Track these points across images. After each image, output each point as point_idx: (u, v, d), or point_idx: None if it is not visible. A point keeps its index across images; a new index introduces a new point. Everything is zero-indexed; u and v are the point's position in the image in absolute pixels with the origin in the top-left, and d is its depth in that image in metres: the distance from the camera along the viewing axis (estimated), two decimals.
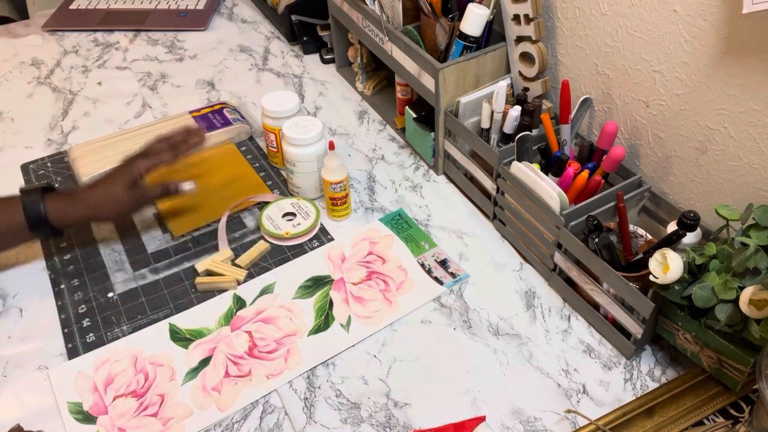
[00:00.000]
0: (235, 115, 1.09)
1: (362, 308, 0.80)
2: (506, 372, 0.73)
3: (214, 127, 1.05)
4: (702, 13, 0.69)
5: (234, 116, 1.08)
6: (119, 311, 0.80)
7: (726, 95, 0.70)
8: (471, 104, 0.90)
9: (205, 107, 1.10)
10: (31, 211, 0.77)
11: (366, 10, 1.01)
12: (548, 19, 0.91)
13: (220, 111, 1.09)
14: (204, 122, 1.05)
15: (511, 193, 0.84)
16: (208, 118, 1.07)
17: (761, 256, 0.61)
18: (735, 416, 0.68)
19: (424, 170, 1.02)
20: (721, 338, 0.65)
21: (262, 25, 1.40)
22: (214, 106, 1.10)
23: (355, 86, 1.19)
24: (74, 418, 0.69)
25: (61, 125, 1.11)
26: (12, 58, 1.29)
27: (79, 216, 0.81)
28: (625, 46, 0.80)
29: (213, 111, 1.09)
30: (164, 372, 0.74)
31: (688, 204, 0.80)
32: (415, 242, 0.89)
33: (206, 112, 1.08)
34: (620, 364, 0.74)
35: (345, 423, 0.69)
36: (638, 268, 0.71)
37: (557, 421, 0.69)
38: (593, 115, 0.90)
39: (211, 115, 1.07)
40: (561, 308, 0.80)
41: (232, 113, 1.09)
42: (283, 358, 0.75)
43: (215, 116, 1.07)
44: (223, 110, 1.09)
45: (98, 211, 0.81)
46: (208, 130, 1.03)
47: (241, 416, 0.70)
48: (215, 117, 1.07)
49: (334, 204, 0.91)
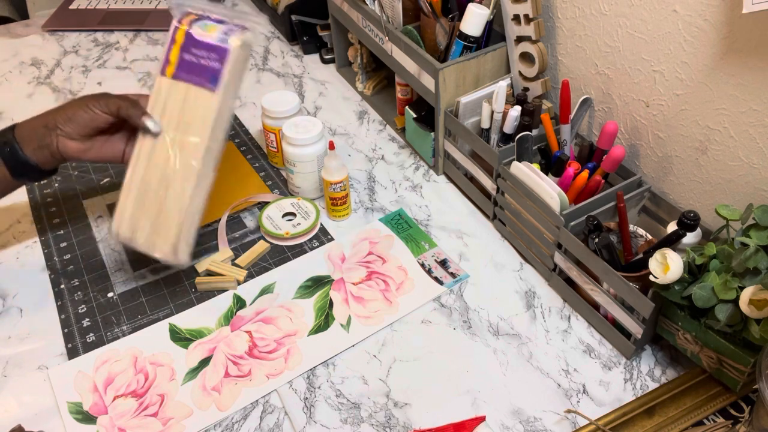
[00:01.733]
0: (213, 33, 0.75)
1: (362, 308, 0.80)
2: (506, 372, 0.73)
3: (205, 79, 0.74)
4: (702, 13, 0.69)
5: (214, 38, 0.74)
6: (119, 311, 0.80)
7: (726, 95, 0.70)
8: (471, 104, 0.90)
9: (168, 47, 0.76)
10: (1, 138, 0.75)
11: (366, 10, 1.01)
12: (548, 19, 0.91)
13: (189, 43, 0.74)
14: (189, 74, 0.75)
15: (511, 193, 0.84)
16: (188, 65, 0.75)
17: (761, 256, 0.61)
18: (735, 416, 0.68)
19: (424, 170, 1.02)
20: (721, 338, 0.65)
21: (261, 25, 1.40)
22: (174, 38, 0.75)
23: (355, 86, 1.19)
24: (74, 418, 0.69)
25: None
26: (12, 58, 1.29)
27: (42, 121, 0.75)
28: (625, 46, 0.80)
29: (182, 49, 0.75)
30: (164, 372, 0.74)
31: (688, 204, 0.80)
32: (415, 242, 0.89)
33: (174, 55, 0.75)
34: (620, 364, 0.74)
35: (345, 423, 0.69)
36: (638, 268, 0.71)
37: (557, 421, 0.69)
38: (593, 115, 0.90)
39: (187, 57, 0.75)
40: (561, 308, 0.80)
41: (207, 30, 0.74)
42: (283, 358, 0.75)
43: (192, 57, 0.74)
44: (193, 39, 0.74)
45: (58, 111, 0.75)
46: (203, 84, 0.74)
47: (241, 416, 0.70)
48: (193, 60, 0.74)
49: (334, 204, 0.91)
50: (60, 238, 0.90)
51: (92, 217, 0.93)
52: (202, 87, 0.74)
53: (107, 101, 0.75)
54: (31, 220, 0.93)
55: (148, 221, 0.75)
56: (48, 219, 0.93)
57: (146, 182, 0.75)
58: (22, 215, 0.94)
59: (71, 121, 0.74)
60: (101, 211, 0.94)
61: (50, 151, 0.75)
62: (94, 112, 0.75)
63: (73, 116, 0.74)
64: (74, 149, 0.76)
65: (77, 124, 0.75)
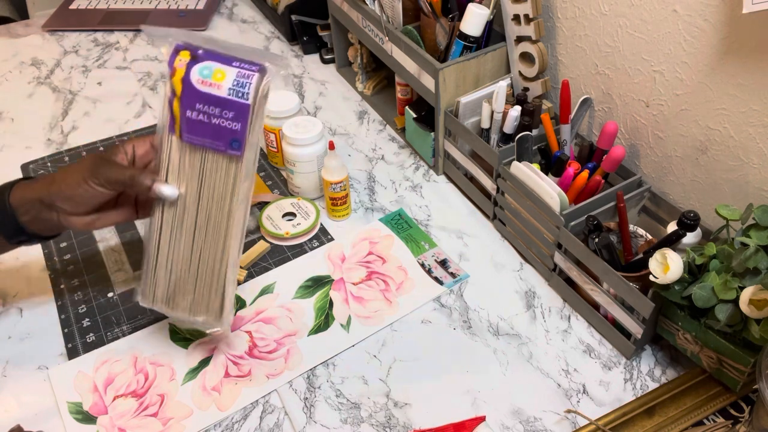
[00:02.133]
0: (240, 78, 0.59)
1: (362, 308, 0.80)
2: (506, 372, 0.73)
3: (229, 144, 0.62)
4: (702, 13, 0.69)
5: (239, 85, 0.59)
6: (119, 311, 0.80)
7: (726, 95, 0.70)
8: (471, 104, 0.90)
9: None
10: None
11: (366, 10, 1.01)
12: (548, 19, 0.91)
13: (192, 97, 0.59)
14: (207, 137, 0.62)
15: (511, 193, 0.84)
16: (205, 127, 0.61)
17: (761, 256, 0.61)
18: (735, 416, 0.68)
19: (424, 170, 1.02)
20: (721, 338, 0.65)
21: (262, 25, 1.40)
22: (172, 86, 0.60)
23: (355, 86, 1.19)
24: (74, 418, 0.69)
25: (61, 125, 1.11)
26: (12, 58, 1.29)
27: (36, 193, 0.66)
28: (625, 46, 0.80)
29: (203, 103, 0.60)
30: (164, 372, 0.74)
31: (688, 204, 0.80)
32: (415, 242, 0.89)
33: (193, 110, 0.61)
34: (620, 364, 0.74)
35: (345, 423, 0.69)
36: (638, 268, 0.71)
37: (557, 421, 0.69)
38: (593, 115, 0.90)
39: (194, 115, 0.60)
40: (561, 308, 0.80)
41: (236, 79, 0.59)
42: (283, 358, 0.75)
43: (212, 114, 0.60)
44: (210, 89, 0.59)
45: (54, 186, 0.65)
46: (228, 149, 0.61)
47: (241, 416, 0.70)
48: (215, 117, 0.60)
49: (334, 204, 0.91)
50: (60, 238, 0.90)
51: None
52: (224, 153, 0.61)
53: (107, 176, 0.64)
54: None
55: (187, 292, 0.68)
56: None
57: (178, 252, 0.66)
58: None
59: (70, 200, 0.65)
60: None
61: (51, 225, 0.68)
62: (95, 189, 0.64)
63: (72, 196, 0.65)
64: (80, 224, 0.67)
65: (78, 203, 0.66)
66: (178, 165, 0.63)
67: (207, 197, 0.64)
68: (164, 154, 0.64)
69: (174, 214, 0.65)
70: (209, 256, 0.66)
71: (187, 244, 0.66)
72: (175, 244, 0.66)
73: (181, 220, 0.65)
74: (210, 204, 0.64)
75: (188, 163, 0.63)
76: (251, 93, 0.58)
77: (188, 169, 0.63)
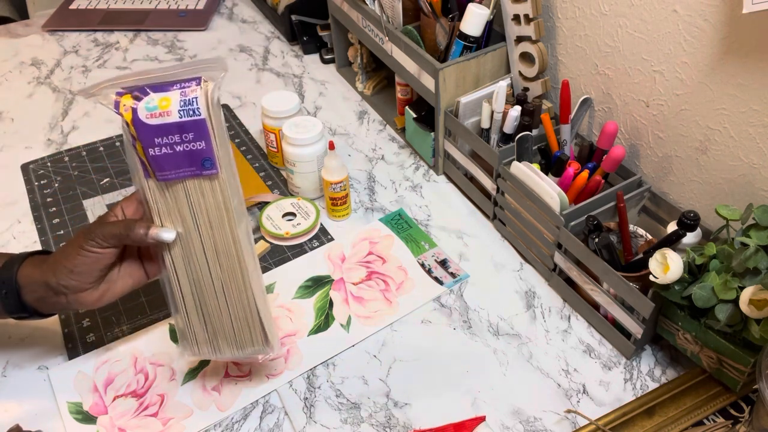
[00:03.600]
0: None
1: (362, 308, 0.80)
2: (506, 372, 0.73)
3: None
4: (702, 13, 0.69)
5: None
6: (119, 311, 0.80)
7: (726, 95, 0.70)
8: (471, 104, 0.90)
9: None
10: (1, 275, 0.65)
11: (366, 10, 1.01)
12: (548, 19, 0.91)
13: (147, 134, 0.57)
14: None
15: (511, 193, 0.84)
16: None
17: (761, 256, 0.61)
18: (735, 416, 0.68)
19: (424, 170, 1.02)
20: (721, 338, 0.65)
21: (262, 25, 1.40)
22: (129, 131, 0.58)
23: (355, 86, 1.19)
24: (74, 418, 0.69)
25: (61, 125, 1.11)
26: (12, 58, 1.29)
27: (42, 276, 0.64)
28: (625, 46, 0.80)
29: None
30: (164, 372, 0.74)
31: (688, 204, 0.80)
32: (415, 242, 0.89)
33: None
34: (620, 364, 0.74)
35: (345, 423, 0.69)
36: (638, 268, 0.71)
37: (557, 421, 0.69)
38: (593, 115, 0.90)
39: (156, 152, 0.58)
40: (561, 308, 0.80)
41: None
42: (283, 358, 0.75)
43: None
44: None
45: (57, 266, 0.63)
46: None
47: (241, 416, 0.70)
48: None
49: (334, 204, 0.91)
50: (60, 238, 0.90)
51: (92, 218, 0.93)
52: (199, 177, 0.59)
53: (102, 235, 0.62)
54: (31, 220, 0.93)
55: (227, 332, 0.65)
56: (48, 219, 0.93)
57: (202, 293, 0.64)
58: (22, 215, 0.94)
59: (73, 273, 0.62)
60: (101, 211, 0.94)
61: (59, 308, 0.66)
62: (94, 252, 0.62)
63: (74, 267, 0.62)
64: (91, 300, 0.64)
65: (81, 274, 0.63)
66: (165, 206, 0.61)
67: (205, 228, 0.62)
68: (150, 202, 0.61)
69: (182, 256, 0.63)
70: (233, 288, 0.63)
71: (207, 282, 0.64)
72: (196, 286, 0.64)
73: (190, 260, 0.63)
74: (210, 233, 0.62)
75: (174, 202, 0.61)
76: (202, 107, 0.56)
77: (176, 207, 0.61)
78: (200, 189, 0.60)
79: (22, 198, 0.97)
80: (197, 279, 0.63)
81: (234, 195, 0.61)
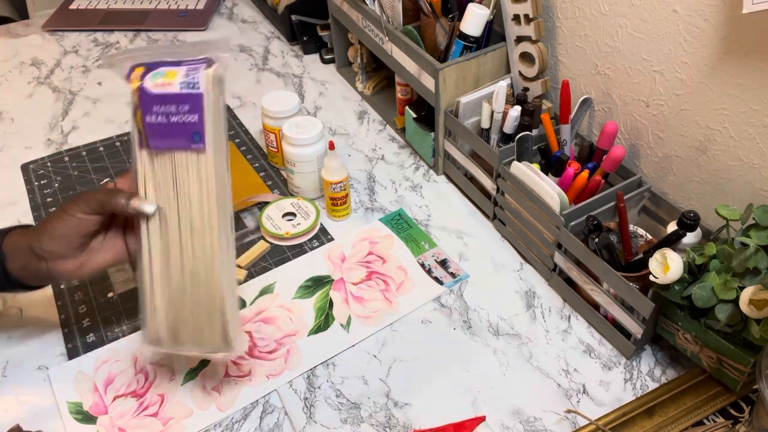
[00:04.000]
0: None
1: (362, 308, 0.80)
2: (506, 372, 0.73)
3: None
4: (702, 13, 0.69)
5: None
6: (119, 311, 0.80)
7: (726, 95, 0.70)
8: (471, 104, 0.90)
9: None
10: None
11: (366, 10, 1.01)
12: (548, 19, 0.91)
13: (149, 102, 0.61)
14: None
15: (511, 193, 0.84)
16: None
17: (761, 256, 0.61)
18: (735, 416, 0.68)
19: (424, 170, 1.02)
20: (721, 338, 0.65)
21: (262, 25, 1.40)
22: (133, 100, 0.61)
23: (355, 86, 1.19)
24: (74, 418, 0.69)
25: (61, 125, 1.11)
26: (12, 58, 1.29)
27: (27, 240, 0.64)
28: (625, 46, 0.80)
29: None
30: (164, 372, 0.74)
31: (688, 204, 0.80)
32: (415, 242, 0.89)
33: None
34: (620, 364, 0.74)
35: (345, 423, 0.69)
36: (638, 268, 0.71)
37: (557, 421, 0.69)
38: (593, 115, 0.90)
39: (153, 119, 0.61)
40: (561, 308, 0.80)
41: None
42: (283, 358, 0.75)
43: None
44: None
45: (40, 230, 0.64)
46: None
47: (241, 416, 0.70)
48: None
49: (334, 204, 0.91)
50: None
51: None
52: (187, 150, 0.60)
53: (86, 200, 0.62)
54: (31, 220, 0.93)
55: (188, 321, 0.63)
56: None
57: (168, 277, 0.63)
58: (22, 215, 0.94)
59: (54, 237, 0.63)
60: None
61: (39, 275, 0.65)
62: (76, 217, 0.62)
63: (54, 230, 0.63)
64: (70, 269, 0.64)
65: (62, 238, 0.63)
66: (152, 179, 0.62)
67: (185, 206, 0.61)
68: (139, 173, 0.62)
69: (159, 233, 0.62)
70: (202, 274, 0.62)
71: (176, 262, 0.62)
72: (166, 266, 0.62)
73: (167, 238, 0.62)
74: (189, 212, 0.61)
75: (161, 174, 0.61)
76: (201, 82, 0.59)
77: (161, 181, 0.61)
78: (186, 163, 0.61)
79: (22, 198, 0.97)
80: (168, 259, 0.62)
81: (221, 185, 0.61)
